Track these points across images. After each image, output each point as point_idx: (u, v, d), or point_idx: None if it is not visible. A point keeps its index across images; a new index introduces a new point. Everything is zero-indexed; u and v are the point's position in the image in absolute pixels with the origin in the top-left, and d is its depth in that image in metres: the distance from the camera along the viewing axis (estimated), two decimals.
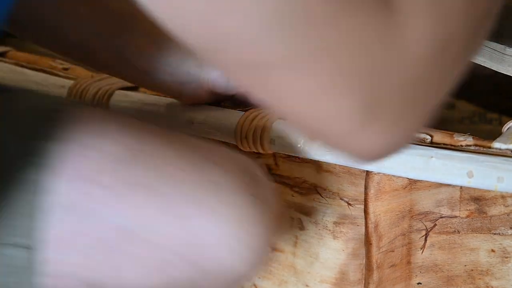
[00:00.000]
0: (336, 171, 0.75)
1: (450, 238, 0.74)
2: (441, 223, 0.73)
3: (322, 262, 0.81)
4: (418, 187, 0.72)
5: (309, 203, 0.79)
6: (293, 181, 0.79)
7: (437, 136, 0.70)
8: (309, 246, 0.82)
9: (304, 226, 0.81)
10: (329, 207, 0.78)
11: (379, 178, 0.72)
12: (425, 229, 0.74)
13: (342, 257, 0.80)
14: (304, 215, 0.80)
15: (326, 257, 0.81)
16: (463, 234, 0.73)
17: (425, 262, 0.76)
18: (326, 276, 0.82)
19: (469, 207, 0.72)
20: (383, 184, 0.72)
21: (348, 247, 0.79)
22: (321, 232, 0.80)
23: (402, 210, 0.73)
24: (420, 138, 0.70)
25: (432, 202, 0.73)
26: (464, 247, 0.74)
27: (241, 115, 0.77)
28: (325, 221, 0.79)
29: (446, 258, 0.75)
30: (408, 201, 0.73)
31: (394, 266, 0.76)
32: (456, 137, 0.69)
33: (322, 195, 0.78)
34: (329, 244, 0.80)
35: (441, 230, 0.74)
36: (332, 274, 0.81)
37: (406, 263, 0.76)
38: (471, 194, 0.71)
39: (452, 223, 0.73)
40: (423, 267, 0.76)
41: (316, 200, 0.78)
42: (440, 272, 0.76)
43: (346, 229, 0.78)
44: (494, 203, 0.70)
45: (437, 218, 0.73)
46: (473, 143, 0.68)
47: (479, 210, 0.71)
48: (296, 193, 0.80)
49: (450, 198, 0.72)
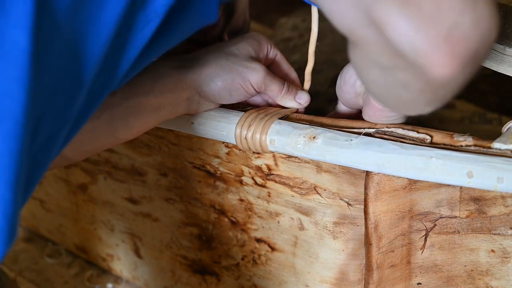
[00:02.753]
0: (336, 171, 0.75)
1: (450, 238, 0.74)
2: (441, 223, 0.74)
3: (322, 262, 0.81)
4: (418, 187, 0.72)
5: (309, 203, 0.79)
6: (293, 181, 0.79)
7: (437, 136, 0.70)
8: (309, 246, 0.82)
9: (304, 226, 0.81)
10: (329, 207, 0.78)
11: (379, 178, 0.72)
12: (425, 229, 0.74)
13: (342, 257, 0.80)
14: (304, 215, 0.80)
15: (326, 257, 0.81)
16: (463, 234, 0.73)
17: (425, 262, 0.76)
18: (326, 276, 0.82)
19: (469, 207, 0.72)
20: (383, 184, 0.72)
21: (348, 247, 0.79)
22: (321, 232, 0.80)
23: (402, 210, 0.73)
24: (420, 138, 0.70)
25: (432, 202, 0.73)
26: (464, 247, 0.74)
27: (241, 115, 0.77)
28: (325, 221, 0.79)
29: (446, 258, 0.75)
30: (408, 201, 0.73)
31: (394, 266, 0.76)
32: (456, 137, 0.69)
33: (322, 195, 0.78)
34: (329, 244, 0.80)
35: (441, 230, 0.74)
36: (332, 274, 0.81)
37: (406, 263, 0.76)
38: (471, 195, 0.71)
39: (452, 223, 0.73)
40: (423, 267, 0.76)
41: (316, 200, 0.79)
42: (440, 272, 0.76)
43: (346, 229, 0.78)
44: (494, 204, 0.70)
45: (437, 218, 0.73)
46: (473, 143, 0.68)
47: (479, 210, 0.71)
48: (296, 193, 0.80)
49: (450, 198, 0.72)
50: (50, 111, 0.57)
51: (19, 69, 0.52)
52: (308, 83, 0.82)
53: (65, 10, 0.54)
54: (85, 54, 0.57)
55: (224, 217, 0.88)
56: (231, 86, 0.76)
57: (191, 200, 0.90)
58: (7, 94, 0.52)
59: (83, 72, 0.58)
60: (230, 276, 0.92)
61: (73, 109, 0.59)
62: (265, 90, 0.79)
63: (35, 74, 0.53)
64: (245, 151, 0.81)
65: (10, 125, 0.52)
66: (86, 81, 0.58)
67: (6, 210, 0.53)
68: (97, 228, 1.05)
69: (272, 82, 0.79)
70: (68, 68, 0.57)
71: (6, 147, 0.52)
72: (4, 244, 0.53)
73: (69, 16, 0.55)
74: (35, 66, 0.53)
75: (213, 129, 0.78)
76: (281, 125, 0.75)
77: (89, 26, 0.56)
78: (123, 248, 1.04)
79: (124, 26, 0.59)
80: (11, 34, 0.51)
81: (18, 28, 0.51)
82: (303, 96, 0.81)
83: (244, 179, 0.83)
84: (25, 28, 0.51)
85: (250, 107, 0.80)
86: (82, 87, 0.58)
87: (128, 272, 1.06)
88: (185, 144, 0.86)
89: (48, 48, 0.54)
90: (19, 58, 0.52)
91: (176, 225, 0.94)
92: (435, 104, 0.62)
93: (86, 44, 0.57)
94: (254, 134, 0.75)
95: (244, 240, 0.87)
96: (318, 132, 0.72)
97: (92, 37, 0.57)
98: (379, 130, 0.72)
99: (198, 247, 0.93)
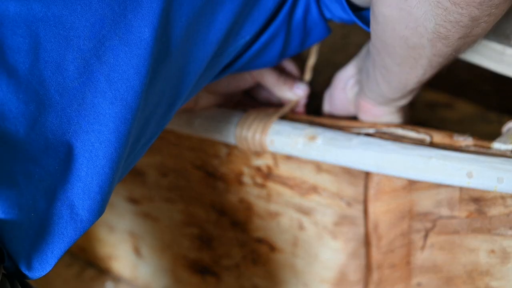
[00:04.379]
0: (336, 171, 0.75)
1: (449, 239, 0.74)
2: (440, 223, 0.74)
3: (322, 262, 0.81)
4: (418, 187, 0.72)
5: (309, 203, 0.79)
6: (293, 181, 0.79)
7: (437, 137, 0.70)
8: (309, 246, 0.82)
9: (304, 226, 0.81)
10: (328, 207, 0.78)
11: (379, 178, 0.72)
12: (425, 229, 0.74)
13: (342, 257, 0.80)
14: (304, 215, 0.80)
15: (326, 257, 0.81)
16: (462, 234, 0.73)
17: (425, 263, 0.76)
18: (326, 276, 0.82)
19: (469, 207, 0.72)
20: (383, 184, 0.72)
21: (347, 247, 0.79)
22: (320, 232, 0.80)
23: (402, 210, 0.73)
24: (420, 138, 0.70)
25: (431, 202, 0.73)
26: (463, 248, 0.74)
27: (241, 115, 0.77)
28: (324, 221, 0.79)
29: (445, 259, 0.75)
30: (407, 201, 0.73)
31: (394, 266, 0.76)
32: (455, 137, 0.69)
33: (322, 195, 0.78)
34: (329, 244, 0.80)
35: (440, 231, 0.74)
36: (332, 274, 0.81)
37: (405, 264, 0.76)
38: (470, 195, 0.71)
39: (451, 224, 0.73)
40: (422, 267, 0.76)
41: (315, 200, 0.79)
42: (440, 273, 0.76)
43: (345, 230, 0.78)
44: (493, 204, 0.70)
45: (436, 218, 0.73)
46: (473, 144, 0.68)
47: (478, 210, 0.71)
48: (296, 193, 0.80)
49: (450, 199, 0.72)
50: (154, 118, 0.61)
51: (140, 58, 0.55)
52: (308, 75, 0.82)
53: (183, 26, 0.59)
54: (190, 69, 0.62)
55: (224, 217, 0.88)
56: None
57: (191, 200, 0.90)
58: (124, 80, 0.55)
59: (183, 86, 0.62)
60: (230, 276, 0.92)
61: (167, 119, 0.63)
62: (261, 79, 0.80)
63: (151, 74, 0.57)
64: (245, 151, 0.81)
65: (121, 109, 0.55)
66: (183, 94, 0.62)
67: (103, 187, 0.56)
68: (97, 228, 1.05)
69: (268, 71, 0.79)
70: (174, 79, 0.61)
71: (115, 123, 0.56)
72: (94, 215, 0.56)
73: (184, 33, 0.59)
74: (153, 64, 0.56)
75: (213, 129, 0.78)
76: (281, 125, 0.75)
77: (197, 45, 0.61)
78: (123, 248, 1.04)
79: (220, 49, 0.64)
80: (139, 28, 0.55)
81: (146, 27, 0.56)
82: (302, 87, 0.81)
83: (244, 179, 0.83)
84: (152, 27, 0.56)
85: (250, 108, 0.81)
86: (180, 99, 0.63)
87: (128, 272, 1.06)
88: (185, 144, 0.86)
89: (163, 55, 0.58)
90: (141, 49, 0.56)
91: (176, 225, 0.94)
92: (440, 60, 0.62)
93: (193, 60, 0.61)
94: (254, 134, 0.75)
95: (244, 240, 0.87)
96: (318, 132, 0.72)
97: (197, 56, 0.62)
98: (379, 130, 0.72)
99: (198, 247, 0.93)
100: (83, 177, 0.55)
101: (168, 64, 0.59)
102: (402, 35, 0.61)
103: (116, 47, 0.55)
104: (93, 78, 0.55)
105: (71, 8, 0.53)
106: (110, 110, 0.55)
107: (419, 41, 0.60)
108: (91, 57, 0.54)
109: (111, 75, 0.55)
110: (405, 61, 0.65)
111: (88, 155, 0.55)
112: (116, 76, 0.55)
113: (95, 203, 0.56)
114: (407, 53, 0.63)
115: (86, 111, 0.55)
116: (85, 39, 0.54)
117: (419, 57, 0.63)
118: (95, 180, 0.55)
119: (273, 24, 0.69)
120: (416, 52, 0.62)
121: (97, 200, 0.56)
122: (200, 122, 0.79)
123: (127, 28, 0.55)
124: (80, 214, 0.55)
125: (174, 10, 0.57)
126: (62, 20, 0.53)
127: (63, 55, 0.54)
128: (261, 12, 0.66)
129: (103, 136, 0.55)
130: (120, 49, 0.55)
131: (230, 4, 0.62)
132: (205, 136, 0.80)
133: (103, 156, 0.55)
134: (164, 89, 0.60)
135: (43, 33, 0.53)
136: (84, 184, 0.55)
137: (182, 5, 0.58)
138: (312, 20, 0.72)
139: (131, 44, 0.55)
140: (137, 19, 0.55)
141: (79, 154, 0.55)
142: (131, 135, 0.57)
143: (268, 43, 0.71)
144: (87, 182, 0.55)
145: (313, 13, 0.72)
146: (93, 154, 0.55)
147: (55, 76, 0.53)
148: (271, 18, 0.69)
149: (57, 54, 0.53)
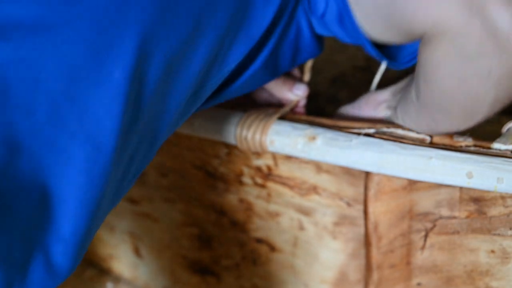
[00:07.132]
0: (336, 171, 0.75)
1: (449, 239, 0.74)
2: (440, 223, 0.74)
3: (321, 262, 0.81)
4: (418, 187, 0.72)
5: (309, 203, 0.79)
6: (293, 182, 0.79)
7: (437, 137, 0.70)
8: (309, 246, 0.82)
9: (304, 226, 0.81)
10: (328, 208, 0.78)
11: (379, 178, 0.72)
12: (425, 229, 0.74)
13: (342, 258, 0.80)
14: (304, 215, 0.80)
15: (325, 258, 0.81)
16: (462, 234, 0.73)
17: (425, 263, 0.76)
18: (326, 276, 0.82)
19: (469, 207, 0.72)
20: (383, 184, 0.72)
21: (347, 248, 0.79)
22: (320, 233, 0.80)
23: (402, 210, 0.73)
24: (420, 138, 0.70)
25: (431, 202, 0.73)
26: (464, 248, 0.74)
27: (241, 116, 0.77)
28: (324, 221, 0.79)
29: (445, 259, 0.75)
30: (407, 201, 0.73)
31: (394, 266, 0.76)
32: (455, 137, 0.69)
33: (322, 196, 0.78)
34: (329, 245, 0.80)
35: (440, 231, 0.74)
36: (332, 274, 0.81)
37: (405, 264, 0.76)
38: (470, 195, 0.71)
39: (451, 224, 0.73)
40: (422, 267, 0.76)
41: (315, 201, 0.79)
42: (440, 273, 0.76)
43: (345, 230, 0.78)
44: (493, 204, 0.70)
45: (436, 218, 0.73)
46: (473, 144, 0.68)
47: (478, 210, 0.71)
48: (296, 193, 0.80)
49: (450, 199, 0.72)
50: (137, 156, 0.60)
51: (112, 99, 0.54)
52: (307, 75, 0.82)
53: (161, 64, 0.57)
54: (170, 106, 0.61)
55: (224, 217, 0.88)
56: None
57: (191, 200, 0.90)
58: (95, 121, 0.54)
59: (164, 123, 0.61)
60: (230, 276, 0.92)
61: (151, 155, 0.62)
62: None
63: (129, 113, 0.56)
64: (245, 152, 0.81)
65: (93, 150, 0.54)
66: (163, 131, 0.62)
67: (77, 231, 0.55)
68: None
69: None
70: (154, 116, 0.60)
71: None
72: (69, 259, 0.55)
73: (162, 71, 0.58)
74: (129, 103, 0.55)
75: (213, 130, 0.78)
76: (281, 125, 0.75)
77: (177, 79, 0.60)
78: (123, 248, 1.04)
79: (202, 81, 0.63)
80: (111, 68, 0.54)
81: (118, 67, 0.54)
82: (301, 87, 0.81)
83: (244, 179, 0.83)
84: (125, 67, 0.54)
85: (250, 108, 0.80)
86: (162, 134, 0.62)
87: (128, 272, 1.06)
88: (185, 144, 0.86)
89: (140, 93, 0.57)
90: (113, 89, 0.54)
91: (176, 225, 0.94)
92: (499, 105, 0.63)
93: (173, 96, 0.60)
94: (254, 135, 0.75)
95: (244, 240, 0.87)
96: (318, 132, 0.72)
97: (177, 91, 0.61)
98: (379, 130, 0.72)
99: (198, 247, 0.93)
100: (56, 221, 0.54)
101: (147, 102, 0.57)
102: (460, 103, 0.62)
103: (87, 87, 0.53)
104: (64, 120, 0.53)
105: (40, 50, 0.51)
106: (81, 152, 0.53)
107: (480, 104, 0.62)
108: (62, 98, 0.53)
109: (82, 116, 0.53)
110: (460, 120, 0.65)
111: (60, 199, 0.53)
112: (87, 117, 0.53)
113: (69, 246, 0.54)
114: (464, 114, 0.64)
115: (57, 154, 0.53)
116: (55, 81, 0.52)
117: (477, 114, 0.63)
118: (67, 224, 0.54)
119: (261, 55, 0.69)
120: (475, 111, 0.63)
121: (71, 244, 0.54)
122: (200, 123, 0.79)
123: (98, 68, 0.53)
124: (54, 259, 0.54)
125: (151, 48, 0.56)
126: (31, 63, 0.51)
127: (33, 98, 0.52)
128: (245, 42, 0.65)
129: (74, 178, 0.54)
130: (91, 89, 0.53)
131: (210, 37, 0.61)
132: (205, 136, 0.80)
133: (75, 199, 0.54)
134: (144, 128, 0.59)
135: (12, 76, 0.51)
136: (57, 228, 0.54)
137: (159, 43, 0.56)
138: (304, 42, 0.72)
139: (102, 84, 0.53)
140: (109, 59, 0.54)
141: (51, 198, 0.53)
142: (108, 175, 0.55)
143: (257, 72, 0.70)
144: (59, 226, 0.54)
145: (305, 35, 0.72)
146: (65, 197, 0.54)
147: (25, 121, 0.51)
148: (259, 46, 0.68)
149: (27, 98, 0.51)
